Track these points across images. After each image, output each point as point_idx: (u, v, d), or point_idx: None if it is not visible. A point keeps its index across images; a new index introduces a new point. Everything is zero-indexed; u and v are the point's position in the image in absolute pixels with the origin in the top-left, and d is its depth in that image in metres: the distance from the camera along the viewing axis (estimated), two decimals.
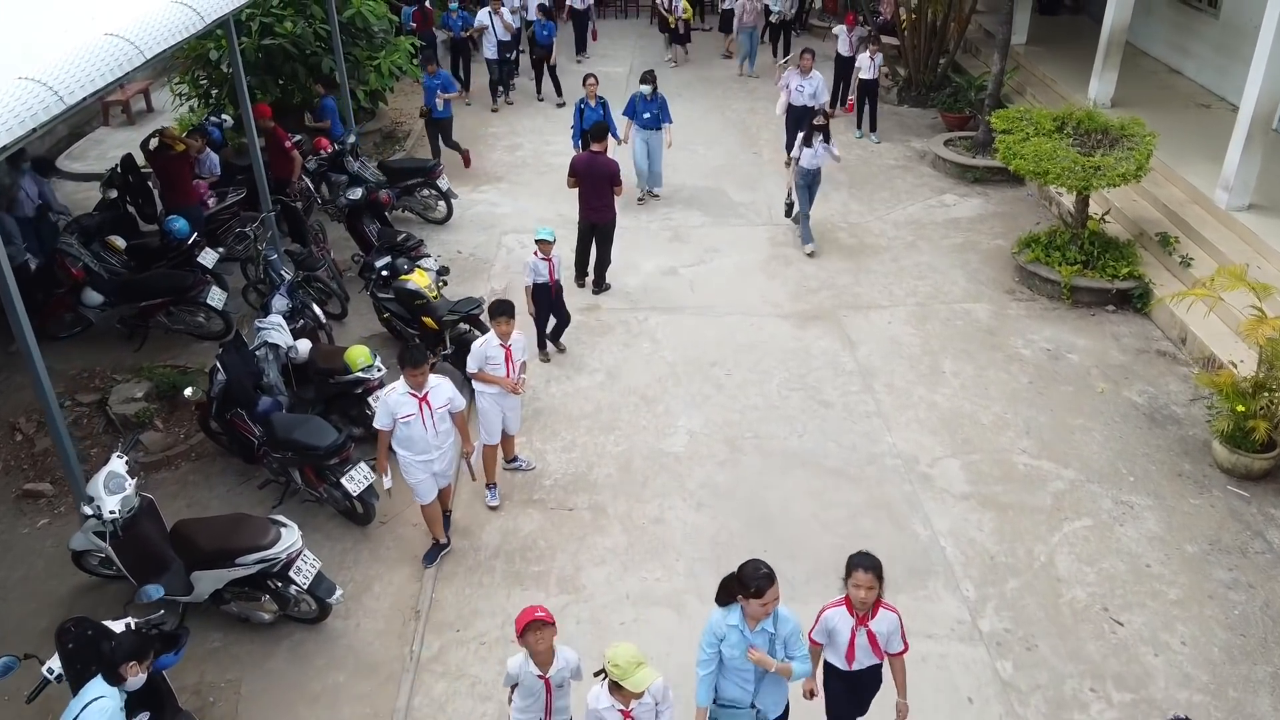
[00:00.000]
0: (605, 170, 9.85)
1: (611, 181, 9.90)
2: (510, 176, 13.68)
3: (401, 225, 11.97)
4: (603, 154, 9.91)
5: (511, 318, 7.09)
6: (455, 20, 15.91)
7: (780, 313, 10.10)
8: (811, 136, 10.83)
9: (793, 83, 12.68)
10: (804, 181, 11.06)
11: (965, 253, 11.28)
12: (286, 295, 8.33)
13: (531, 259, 8.77)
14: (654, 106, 11.96)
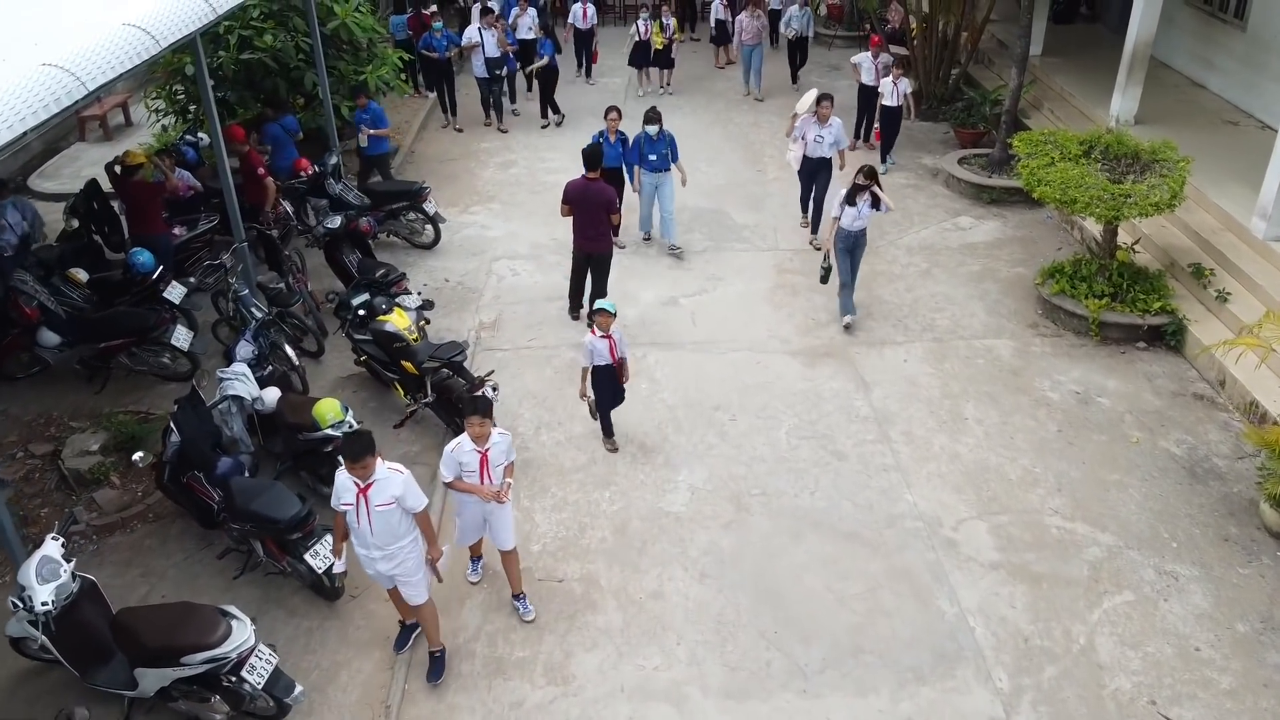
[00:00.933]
0: (600, 197, 9.20)
1: (607, 209, 9.26)
2: (502, 196, 13.03)
3: (386, 251, 11.35)
4: (597, 180, 9.25)
5: (486, 416, 5.86)
6: (440, 40, 14.74)
7: (788, 349, 9.45)
8: (856, 195, 9.30)
9: (809, 133, 10.98)
10: (845, 245, 9.49)
11: (984, 281, 10.62)
12: (252, 341, 7.68)
13: (588, 337, 7.41)
14: (661, 146, 10.79)
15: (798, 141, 11.10)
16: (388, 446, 8.10)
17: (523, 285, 10.73)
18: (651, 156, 10.80)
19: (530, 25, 15.92)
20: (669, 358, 9.33)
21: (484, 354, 9.41)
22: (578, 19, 16.75)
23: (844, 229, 9.40)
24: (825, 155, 11.03)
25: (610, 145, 10.67)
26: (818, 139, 10.94)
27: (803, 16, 16.48)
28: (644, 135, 10.78)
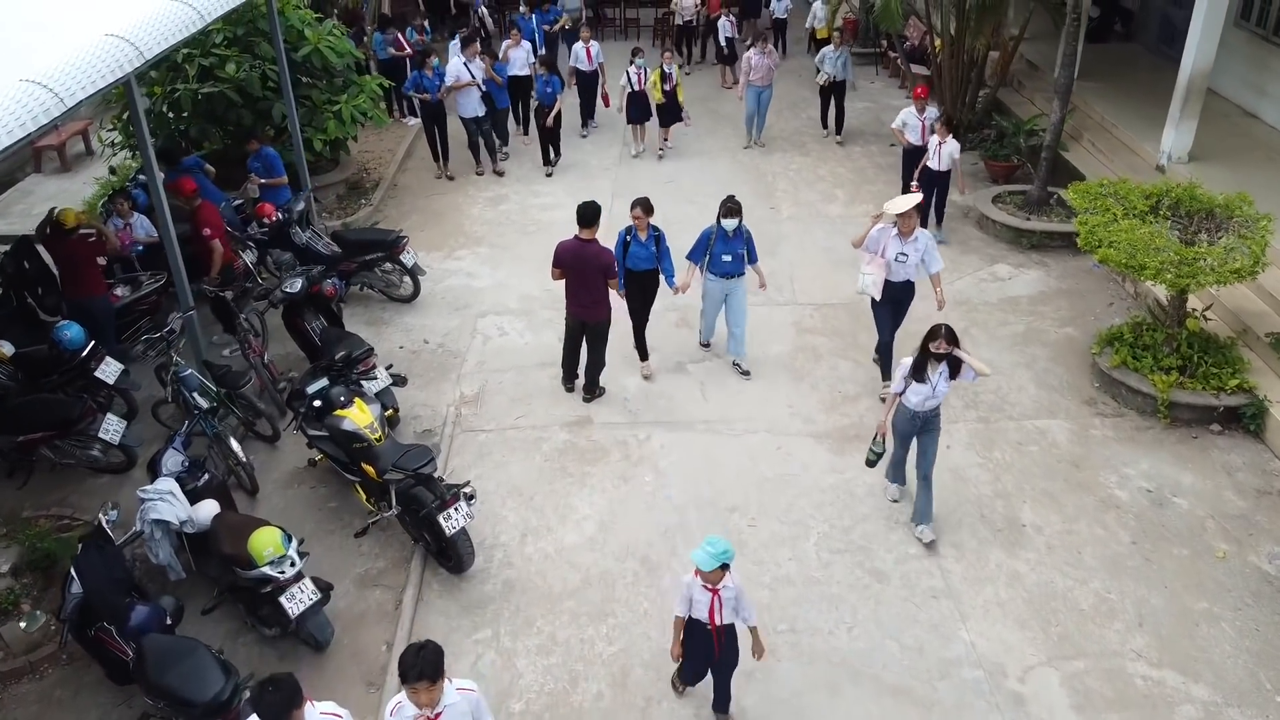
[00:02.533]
0: (595, 262, 8.03)
1: (604, 275, 8.08)
2: (491, 238, 11.85)
3: (360, 305, 10.20)
4: (593, 242, 8.08)
5: (432, 681, 4.18)
6: (432, 80, 12.83)
7: (813, 430, 8.27)
8: (927, 365, 6.61)
9: (890, 250, 8.07)
10: (909, 429, 6.88)
11: (1030, 345, 9.44)
12: (182, 448, 6.53)
13: (687, 580, 5.25)
14: (738, 245, 8.49)
15: (875, 260, 8.20)
16: (347, 558, 6.95)
17: (511, 347, 9.56)
18: (725, 257, 8.47)
19: (525, 60, 14.07)
20: (676, 441, 8.15)
21: (464, 436, 8.24)
22: (580, 60, 14.39)
23: (910, 409, 6.74)
24: (911, 279, 8.35)
25: (641, 245, 8.41)
26: (900, 258, 8.13)
27: (838, 58, 13.91)
28: (717, 231, 8.48)
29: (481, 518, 7.20)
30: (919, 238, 8.08)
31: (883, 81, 17.55)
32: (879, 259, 8.13)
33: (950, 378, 6.64)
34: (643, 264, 8.48)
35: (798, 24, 19.53)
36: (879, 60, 18.15)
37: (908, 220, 7.99)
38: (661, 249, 8.54)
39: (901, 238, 8.05)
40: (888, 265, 8.14)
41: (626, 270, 8.46)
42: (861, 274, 8.29)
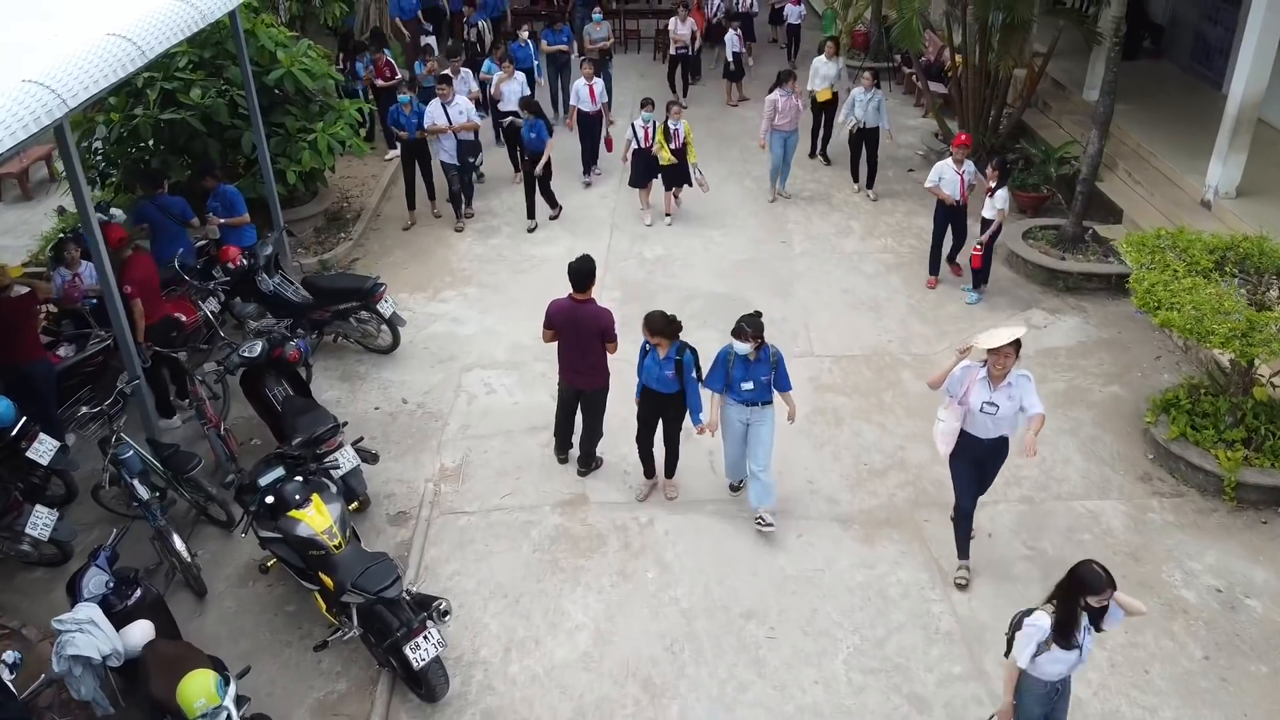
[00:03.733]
0: (592, 325, 7.13)
1: (601, 339, 7.18)
2: (480, 277, 10.94)
3: (334, 358, 9.30)
4: (588, 302, 7.17)
5: None
6: (409, 118, 11.38)
7: (837, 513, 7.36)
8: (1073, 625, 4.80)
9: (975, 396, 6.09)
10: (1045, 708, 5.11)
11: (1073, 408, 8.53)
12: (107, 565, 5.60)
13: None
14: (761, 371, 6.73)
15: (952, 405, 6.20)
16: (304, 676, 6.04)
17: (499, 408, 8.65)
18: (745, 385, 6.72)
19: (519, 95, 12.50)
20: (682, 526, 7.25)
21: (443, 520, 7.33)
22: (582, 100, 12.63)
23: (1045, 682, 4.98)
24: (1005, 433, 6.31)
25: (658, 364, 6.93)
26: (988, 408, 6.07)
27: (870, 101, 12.02)
28: (734, 354, 6.68)
29: (460, 625, 6.31)
30: (1014, 382, 6.06)
31: (897, 98, 16.62)
32: (958, 406, 6.17)
33: (1096, 628, 4.89)
34: (660, 385, 7.00)
35: (808, 36, 18.66)
36: (892, 76, 17.24)
37: (1002, 360, 5.96)
38: (686, 377, 6.88)
39: (992, 382, 6.05)
40: (971, 416, 6.17)
41: (642, 385, 7.13)
42: (937, 419, 6.35)
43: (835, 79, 13.02)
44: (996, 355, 5.98)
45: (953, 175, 9.90)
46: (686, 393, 6.98)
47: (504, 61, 12.90)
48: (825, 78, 12.93)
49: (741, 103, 16.41)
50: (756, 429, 6.94)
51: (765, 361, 6.74)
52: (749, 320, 6.69)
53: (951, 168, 9.90)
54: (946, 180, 9.94)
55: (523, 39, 14.28)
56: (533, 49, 14.31)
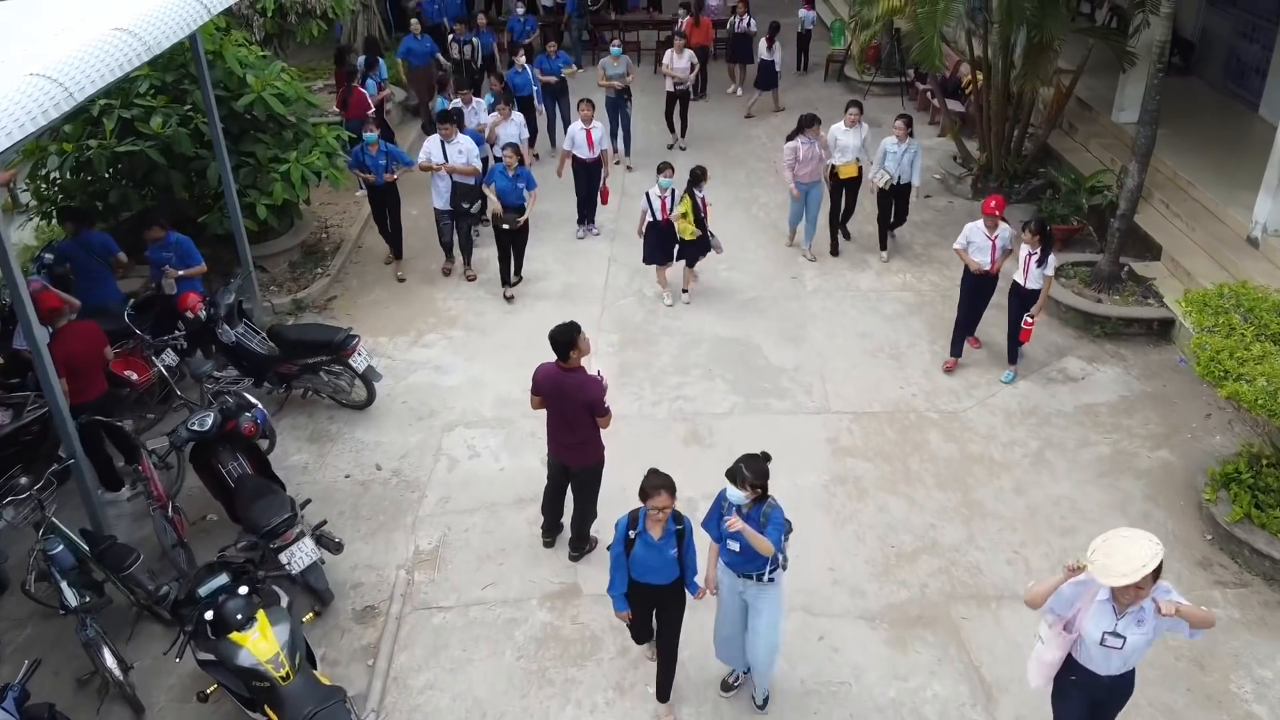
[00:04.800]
0: (577, 396, 6.27)
1: (590, 411, 6.32)
2: (467, 317, 10.10)
3: (304, 413, 8.47)
4: (577, 371, 6.32)
5: None
6: (375, 159, 10.06)
7: (863, 609, 6.51)
8: None
9: (1093, 625, 4.57)
10: None
11: (1119, 476, 7.70)
12: (14, 709, 4.76)
13: None
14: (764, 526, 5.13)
15: (1057, 626, 4.74)
16: None
17: (482, 475, 7.81)
18: (733, 545, 5.20)
19: (517, 137, 11.14)
20: (687, 623, 6.39)
21: (415, 616, 6.49)
22: (578, 145, 11.04)
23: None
24: (1129, 669, 4.74)
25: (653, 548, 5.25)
26: (1110, 640, 4.54)
27: (904, 153, 10.41)
28: (729, 503, 5.11)
29: None
30: (1146, 608, 4.45)
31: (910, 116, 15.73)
32: (1064, 632, 4.68)
33: None
34: (656, 575, 5.30)
35: (817, 47, 17.86)
36: (905, 92, 16.38)
37: (1134, 591, 4.38)
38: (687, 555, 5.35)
39: (1116, 607, 4.50)
40: (1083, 646, 4.66)
41: (630, 579, 5.38)
42: (1036, 638, 4.86)
43: (859, 150, 10.72)
44: (1127, 587, 4.34)
45: (984, 241, 8.57)
46: (683, 563, 5.32)
47: (501, 104, 11.41)
48: (848, 149, 10.64)
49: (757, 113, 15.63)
50: (755, 614, 5.36)
51: (754, 518, 5.11)
52: (750, 463, 5.05)
53: (983, 232, 8.56)
54: (976, 245, 8.61)
55: (519, 64, 13.10)
56: (531, 74, 13.20)
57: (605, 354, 9.43)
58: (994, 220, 8.50)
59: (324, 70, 16.31)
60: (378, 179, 10.12)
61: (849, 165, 10.73)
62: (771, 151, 14.22)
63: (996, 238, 8.57)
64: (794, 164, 10.47)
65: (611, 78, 13.17)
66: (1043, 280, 8.30)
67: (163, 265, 8.46)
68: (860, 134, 10.62)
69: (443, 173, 10.06)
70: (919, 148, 10.59)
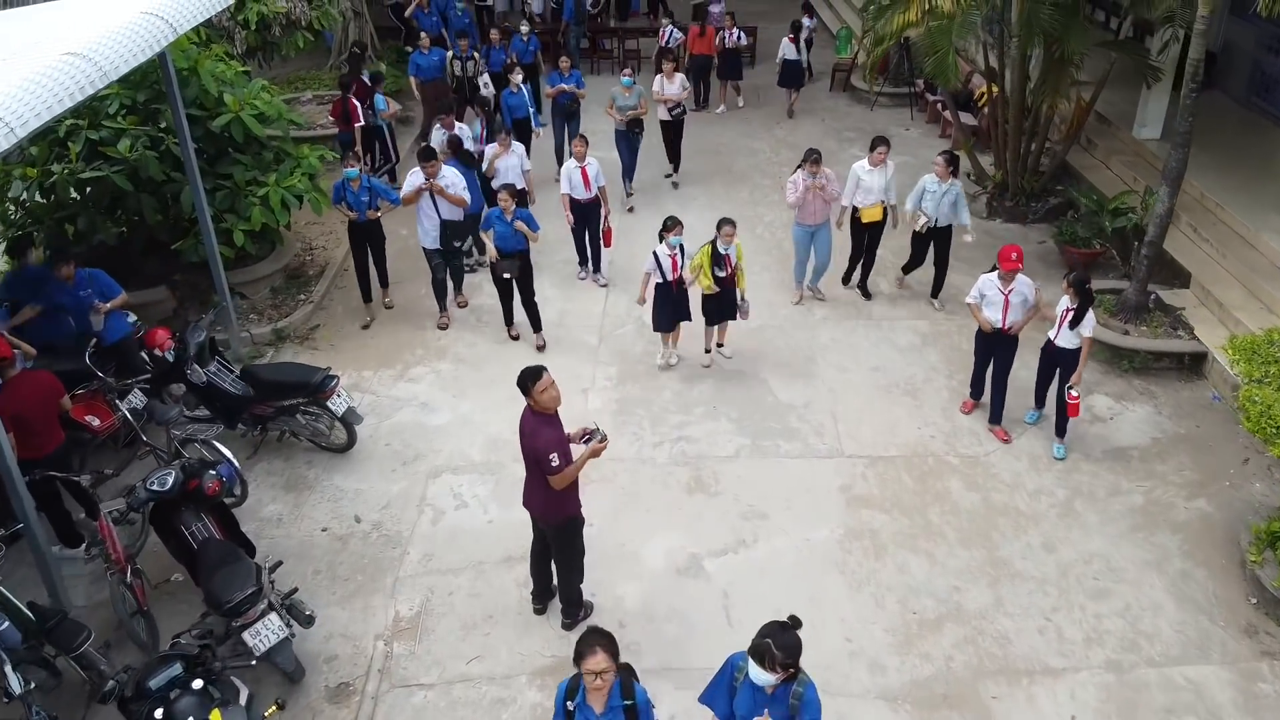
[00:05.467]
0: (529, 447, 5.71)
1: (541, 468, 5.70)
2: (457, 348, 9.56)
3: (280, 457, 7.92)
4: (540, 415, 5.72)
5: None
6: (357, 195, 9.17)
7: (883, 687, 5.96)
8: None
9: None
10: None
11: (1154, 529, 7.15)
12: None
13: None
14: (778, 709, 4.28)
15: None
16: None
17: (469, 529, 7.28)
18: None
19: (518, 172, 10.36)
20: (692, 711, 5.85)
21: (393, 696, 5.94)
22: (575, 186, 9.96)
23: None
24: None
25: None
26: None
27: (943, 194, 9.32)
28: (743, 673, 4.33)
29: None
30: None
31: (919, 129, 15.23)
32: None
33: None
34: None
35: (822, 55, 17.33)
36: (914, 102, 15.82)
37: None
38: None
39: None
40: None
41: None
42: None
43: (885, 192, 9.59)
44: None
45: (997, 296, 7.71)
46: None
47: (501, 133, 10.45)
48: (872, 190, 9.52)
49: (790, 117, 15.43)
50: None
51: (783, 700, 4.22)
52: (779, 637, 4.09)
53: (996, 285, 7.71)
54: (989, 300, 7.78)
55: (515, 84, 12.16)
56: (528, 94, 12.34)
57: (604, 388, 8.90)
58: (1011, 276, 7.63)
59: (315, 80, 15.83)
60: (360, 216, 9.28)
61: (873, 208, 9.62)
62: (776, 166, 13.72)
63: (1011, 292, 7.67)
64: (797, 200, 9.43)
65: (622, 109, 11.84)
66: (1079, 341, 7.49)
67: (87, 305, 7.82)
68: (886, 174, 9.51)
69: (429, 210, 9.21)
70: (960, 189, 9.43)
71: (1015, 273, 7.63)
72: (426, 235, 9.41)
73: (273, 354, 9.44)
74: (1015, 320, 7.79)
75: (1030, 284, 7.81)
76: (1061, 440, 7.90)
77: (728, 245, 8.45)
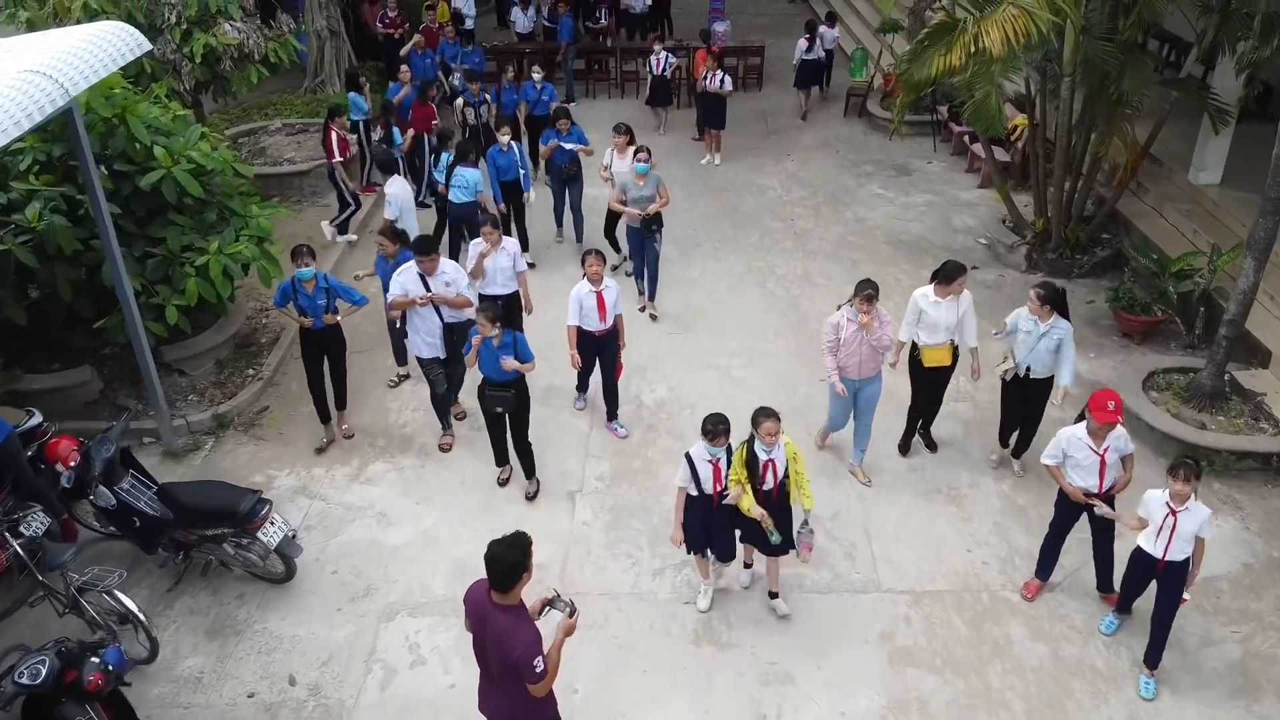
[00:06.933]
0: (497, 649, 4.41)
1: (515, 674, 4.39)
2: (424, 437, 8.29)
3: (205, 589, 6.64)
4: (506, 612, 4.40)
5: None
6: (312, 298, 7.49)
7: None
8: None
9: None
10: None
11: (1257, 695, 5.85)
12: None
13: None
14: None
15: None
16: None
17: (427, 697, 5.97)
18: None
19: (510, 273, 8.32)
20: None
21: None
22: (588, 315, 7.68)
23: None
24: None
25: None
26: None
27: (1041, 338, 6.95)
28: None
29: None
30: None
31: (943, 161, 13.95)
32: None
33: None
34: None
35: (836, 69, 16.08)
36: (937, 131, 14.52)
37: None
38: None
39: None
40: None
41: None
42: None
43: (955, 330, 7.32)
44: None
45: (1088, 457, 5.96)
46: None
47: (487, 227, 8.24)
48: (938, 327, 7.25)
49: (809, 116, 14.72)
50: None
51: None
52: None
53: (1088, 444, 5.94)
54: (1076, 463, 6.02)
55: (504, 143, 10.19)
56: (518, 153, 10.38)
57: (594, 491, 7.64)
58: (1107, 430, 5.87)
59: (287, 106, 14.60)
60: (316, 323, 7.59)
61: (940, 349, 7.33)
62: (787, 206, 12.47)
63: (1108, 451, 5.95)
64: (835, 342, 7.05)
65: (636, 203, 9.34)
66: (1194, 545, 5.61)
67: None
68: (960, 308, 7.20)
69: (428, 314, 7.53)
70: (1069, 334, 6.93)
71: (1113, 426, 5.87)
72: (424, 345, 7.69)
73: (212, 445, 8.18)
74: (1117, 479, 6.08)
75: (1125, 434, 6.06)
76: (1153, 672, 5.88)
77: (771, 448, 5.85)
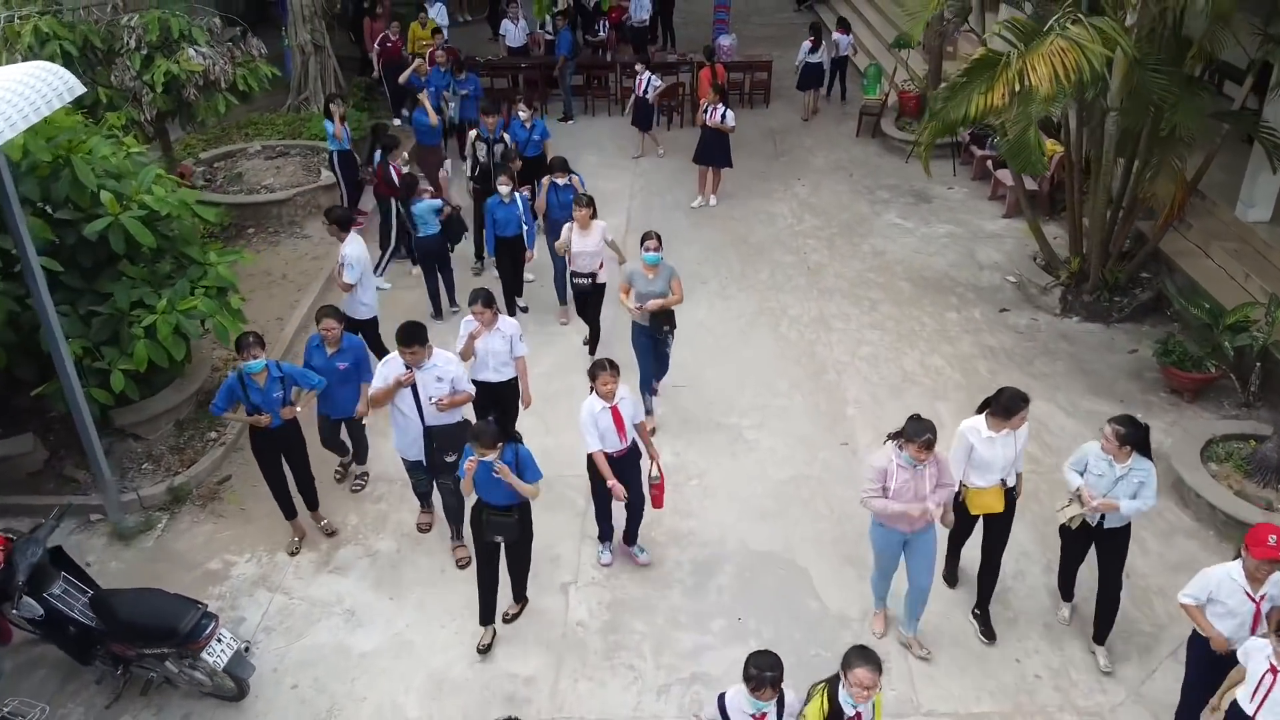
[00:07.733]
0: None
1: None
2: (399, 516, 7.43)
3: (151, 708, 5.78)
4: None
5: None
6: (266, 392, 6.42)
7: None
8: None
9: None
10: None
11: None
12: None
13: None
14: None
15: None
16: None
17: None
18: None
19: (506, 357, 7.13)
20: None
21: None
22: (605, 435, 6.31)
23: None
24: None
25: None
26: None
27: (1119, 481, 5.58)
28: None
29: None
30: None
31: (964, 186, 13.09)
32: None
33: None
34: None
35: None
36: (956, 154, 13.64)
37: None
38: None
39: None
40: None
41: None
42: None
43: (1011, 468, 5.95)
44: None
45: (1242, 603, 4.95)
46: None
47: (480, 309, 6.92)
48: (991, 466, 5.87)
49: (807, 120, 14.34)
50: None
51: None
52: None
53: (1242, 587, 4.94)
54: (1225, 609, 5.01)
55: (505, 194, 9.01)
56: (521, 206, 9.13)
57: (591, 584, 6.79)
58: (1270, 566, 4.84)
59: (268, 126, 13.78)
60: (274, 420, 6.47)
61: (990, 492, 5.96)
62: (799, 237, 11.64)
63: (1264, 598, 4.92)
64: (882, 491, 5.63)
65: (644, 298, 7.79)
66: None
67: None
68: (1019, 442, 5.87)
69: (408, 409, 6.42)
70: (1151, 476, 5.58)
71: (1277, 565, 4.85)
72: (407, 446, 6.65)
73: (166, 523, 7.34)
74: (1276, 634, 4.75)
75: None
76: None
77: (862, 703, 4.38)
